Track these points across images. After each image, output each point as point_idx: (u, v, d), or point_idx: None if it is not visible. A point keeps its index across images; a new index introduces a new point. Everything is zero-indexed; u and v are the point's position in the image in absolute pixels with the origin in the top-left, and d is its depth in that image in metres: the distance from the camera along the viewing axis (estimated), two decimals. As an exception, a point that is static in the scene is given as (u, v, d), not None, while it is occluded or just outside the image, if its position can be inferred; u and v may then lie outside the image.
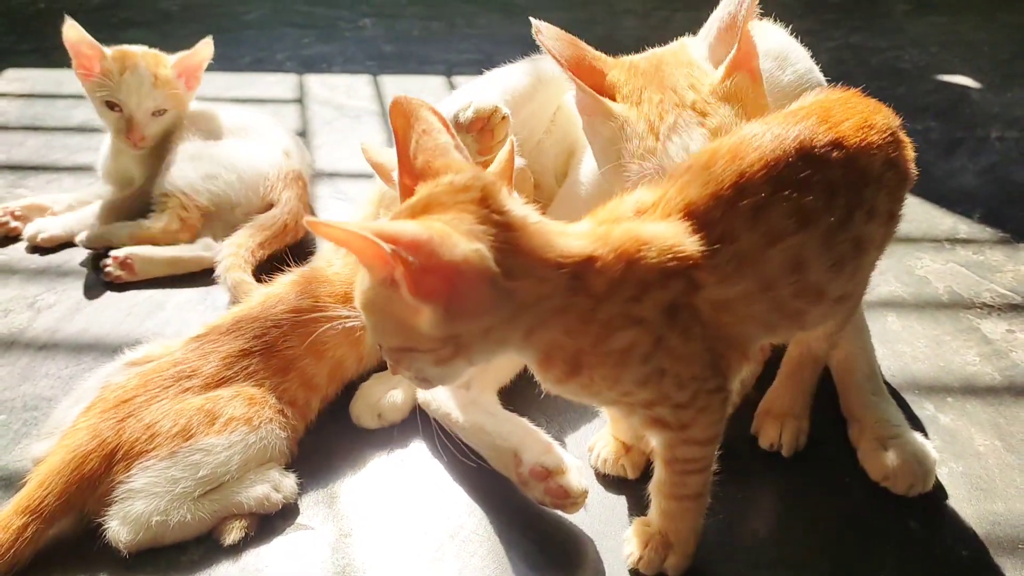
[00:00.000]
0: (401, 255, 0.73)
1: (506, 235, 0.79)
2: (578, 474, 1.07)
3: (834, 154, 0.91)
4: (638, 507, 1.08)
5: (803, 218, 0.88)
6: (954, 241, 1.74)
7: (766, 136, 0.90)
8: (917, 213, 1.84)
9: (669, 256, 0.83)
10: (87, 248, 1.66)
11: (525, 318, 0.82)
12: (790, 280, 0.89)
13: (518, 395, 1.26)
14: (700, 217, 0.86)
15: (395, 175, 1.30)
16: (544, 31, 1.15)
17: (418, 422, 1.24)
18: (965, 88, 2.52)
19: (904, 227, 1.75)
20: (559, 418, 1.27)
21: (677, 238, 0.85)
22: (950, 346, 1.43)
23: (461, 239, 0.77)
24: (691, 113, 1.09)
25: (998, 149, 2.13)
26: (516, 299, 0.80)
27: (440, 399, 1.23)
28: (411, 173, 0.91)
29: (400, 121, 0.94)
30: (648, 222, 0.88)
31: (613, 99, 1.14)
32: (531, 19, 1.15)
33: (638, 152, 1.09)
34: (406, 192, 0.90)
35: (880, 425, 1.19)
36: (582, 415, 1.28)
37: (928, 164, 2.06)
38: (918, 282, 1.60)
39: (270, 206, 1.68)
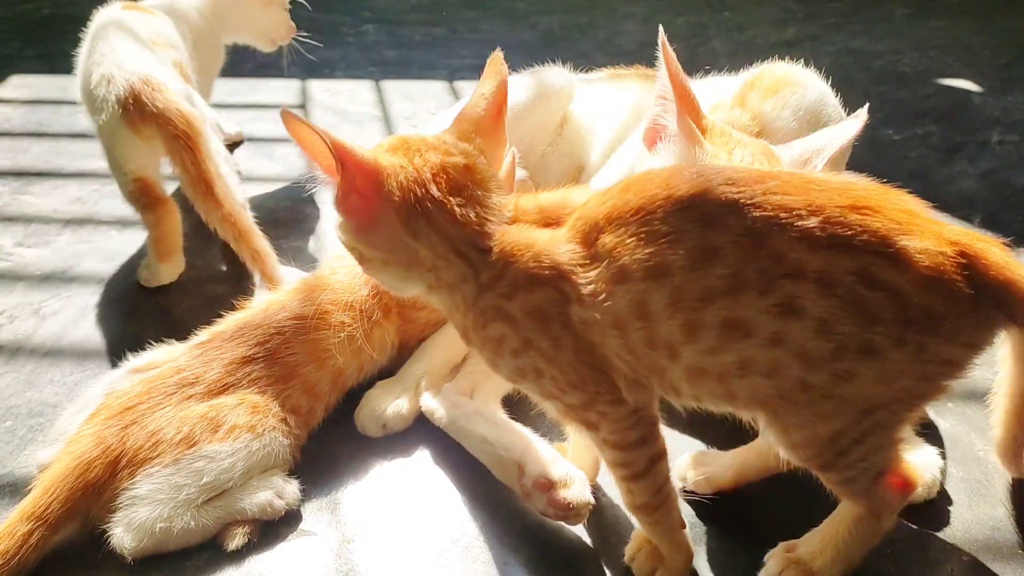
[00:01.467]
0: (342, 169, 0.87)
1: (429, 207, 0.89)
2: (582, 486, 1.08)
3: (731, 220, 0.82)
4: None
5: (658, 269, 0.83)
6: (954, 246, 1.74)
7: (685, 174, 0.86)
8: (917, 218, 1.84)
9: (537, 263, 0.87)
10: None
11: (422, 275, 0.93)
12: (637, 325, 0.85)
13: (520, 405, 1.27)
14: (593, 233, 0.86)
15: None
16: (667, 45, 1.10)
17: (421, 429, 1.25)
18: (965, 92, 2.52)
19: (904, 232, 1.78)
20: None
21: (552, 247, 0.87)
22: (950, 351, 1.44)
23: (393, 184, 0.89)
24: None
25: (998, 153, 2.14)
26: (414, 256, 0.91)
27: (444, 408, 1.23)
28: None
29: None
30: (537, 227, 0.90)
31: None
32: (660, 29, 1.10)
33: None
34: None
35: None
36: None
37: (928, 169, 2.07)
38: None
39: None
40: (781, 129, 1.25)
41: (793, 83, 1.27)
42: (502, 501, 1.15)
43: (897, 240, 0.81)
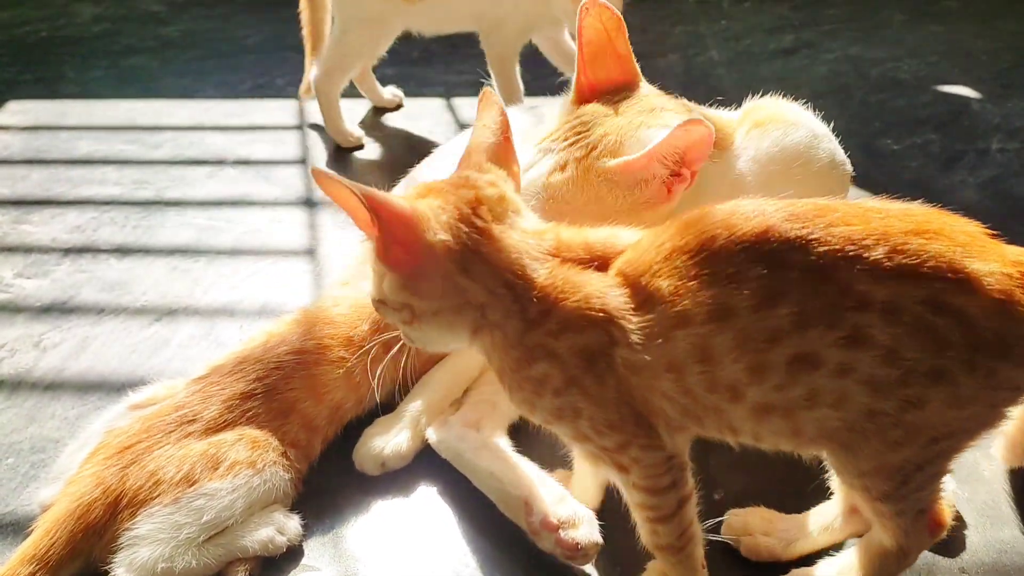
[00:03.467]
0: (379, 222, 0.85)
1: (478, 239, 0.88)
2: (590, 526, 1.07)
3: (795, 257, 0.81)
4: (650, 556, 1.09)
5: (722, 312, 0.82)
6: (956, 258, 1.73)
7: (746, 213, 0.84)
8: (919, 230, 1.84)
9: (589, 305, 0.85)
10: None
11: (471, 317, 0.90)
12: (697, 369, 0.84)
13: (525, 433, 1.27)
14: (647, 277, 0.85)
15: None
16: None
17: (423, 462, 1.25)
18: (965, 99, 2.51)
19: (906, 245, 1.78)
20: (571, 463, 1.27)
21: (604, 290, 0.86)
22: (954, 367, 1.43)
23: (436, 227, 0.87)
24: None
25: (999, 162, 2.13)
26: (465, 297, 0.88)
27: (451, 441, 1.23)
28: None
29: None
30: (585, 265, 0.89)
31: None
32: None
33: None
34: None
35: None
36: None
37: (928, 179, 2.06)
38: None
39: None
40: (758, 162, 1.23)
41: (782, 121, 1.25)
42: (505, 534, 1.15)
43: (964, 264, 0.80)
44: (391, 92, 2.51)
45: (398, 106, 2.51)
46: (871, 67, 2.74)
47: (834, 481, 1.04)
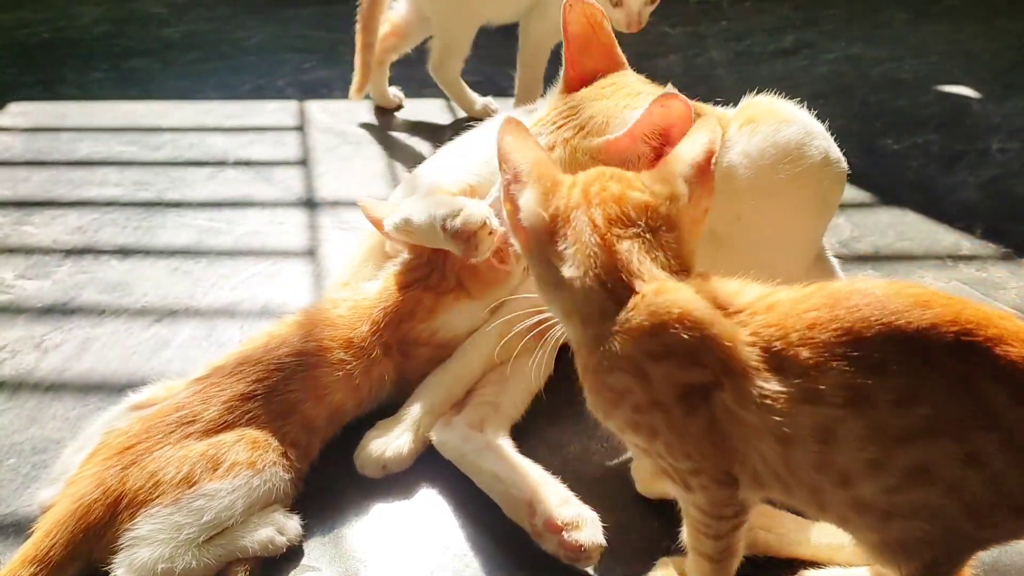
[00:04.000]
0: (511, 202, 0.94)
1: (590, 229, 0.88)
2: (593, 528, 1.07)
3: (950, 360, 0.78)
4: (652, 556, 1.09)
5: (860, 399, 0.78)
6: (956, 258, 1.74)
7: (906, 299, 0.81)
8: (918, 230, 1.84)
9: (708, 349, 0.82)
10: None
11: (567, 304, 0.90)
12: (813, 448, 0.81)
13: (527, 434, 1.27)
14: (784, 343, 0.81)
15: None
16: None
17: (424, 463, 1.25)
18: (966, 99, 2.51)
19: (905, 244, 1.78)
20: (573, 463, 1.27)
21: (733, 340, 0.83)
22: (954, 367, 1.43)
23: (539, 210, 0.91)
24: None
25: (1000, 161, 2.13)
26: (563, 283, 0.89)
27: (455, 442, 1.23)
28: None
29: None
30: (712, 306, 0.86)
31: None
32: None
33: None
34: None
35: None
36: (597, 464, 1.27)
37: (929, 179, 2.06)
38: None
39: None
40: (748, 156, 1.23)
41: (774, 117, 1.25)
42: (506, 535, 1.15)
43: None
44: (392, 93, 2.52)
45: (398, 107, 2.52)
46: (872, 67, 2.74)
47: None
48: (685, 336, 0.82)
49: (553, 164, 0.97)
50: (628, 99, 1.19)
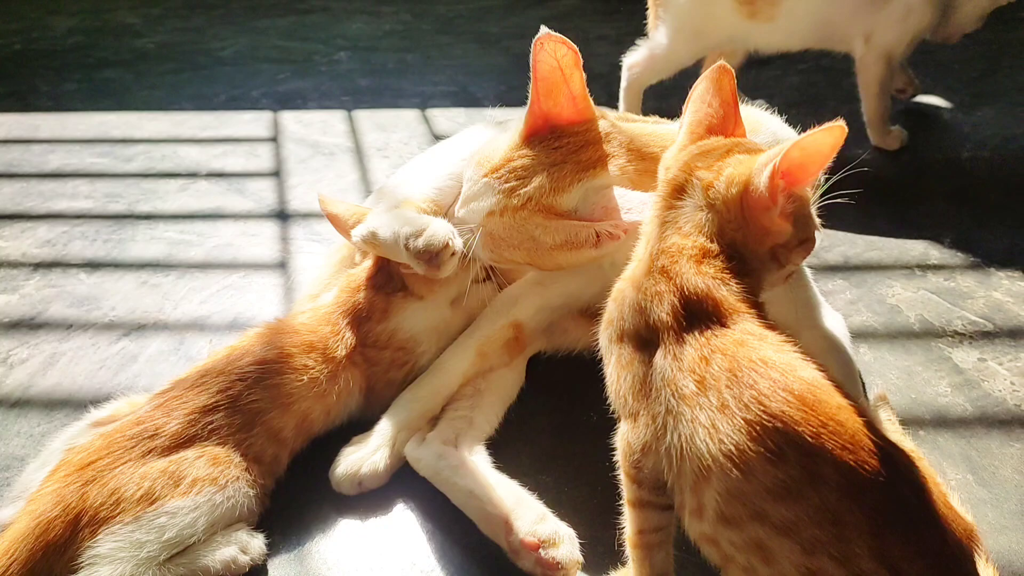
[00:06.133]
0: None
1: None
2: (571, 545, 1.07)
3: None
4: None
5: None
6: (925, 267, 1.75)
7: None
8: (888, 239, 1.85)
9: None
10: None
11: None
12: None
13: (504, 448, 1.26)
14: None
15: (351, 225, 1.32)
16: None
17: (394, 478, 1.24)
18: (936, 108, 2.54)
19: (874, 254, 1.79)
20: (555, 484, 1.27)
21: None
22: (922, 377, 1.44)
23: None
24: None
25: (968, 171, 2.15)
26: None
27: (430, 459, 1.22)
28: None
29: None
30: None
31: None
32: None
33: None
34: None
35: None
36: (575, 480, 1.26)
37: (898, 189, 2.08)
38: (889, 311, 1.61)
39: None
40: None
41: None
42: (474, 550, 1.14)
43: None
44: None
45: None
46: (843, 77, 2.76)
47: None
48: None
49: None
50: (582, 172, 1.18)
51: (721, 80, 1.03)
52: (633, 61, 2.31)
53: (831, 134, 0.88)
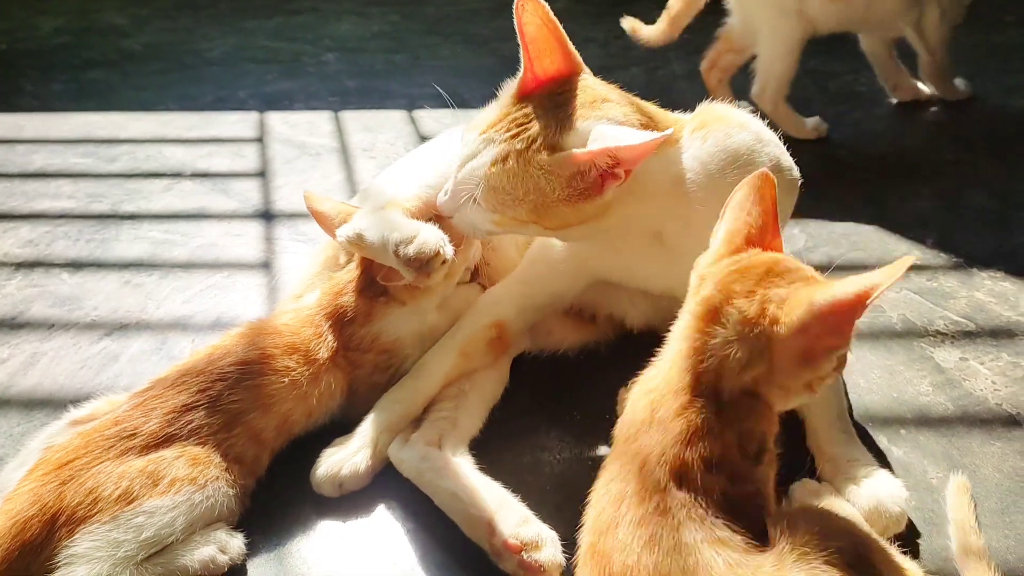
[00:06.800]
0: None
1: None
2: (553, 548, 1.07)
3: None
4: None
5: None
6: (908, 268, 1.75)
7: None
8: (871, 240, 1.86)
9: None
10: None
11: None
12: None
13: (486, 449, 1.26)
14: None
15: (336, 224, 1.32)
16: None
17: (376, 478, 1.23)
18: (920, 110, 2.55)
19: (858, 254, 1.80)
20: (539, 486, 1.26)
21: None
22: (903, 376, 1.44)
23: None
24: None
25: (952, 173, 2.16)
26: None
27: (413, 460, 1.21)
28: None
29: None
30: None
31: None
32: None
33: None
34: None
35: (853, 465, 1.18)
36: (558, 481, 1.26)
37: (883, 191, 2.09)
38: (872, 311, 1.61)
39: None
40: (699, 160, 1.24)
41: (726, 123, 1.26)
42: (455, 550, 1.14)
43: None
44: None
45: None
46: (829, 80, 2.78)
47: None
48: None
49: None
50: (583, 109, 1.18)
51: (763, 189, 1.02)
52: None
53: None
